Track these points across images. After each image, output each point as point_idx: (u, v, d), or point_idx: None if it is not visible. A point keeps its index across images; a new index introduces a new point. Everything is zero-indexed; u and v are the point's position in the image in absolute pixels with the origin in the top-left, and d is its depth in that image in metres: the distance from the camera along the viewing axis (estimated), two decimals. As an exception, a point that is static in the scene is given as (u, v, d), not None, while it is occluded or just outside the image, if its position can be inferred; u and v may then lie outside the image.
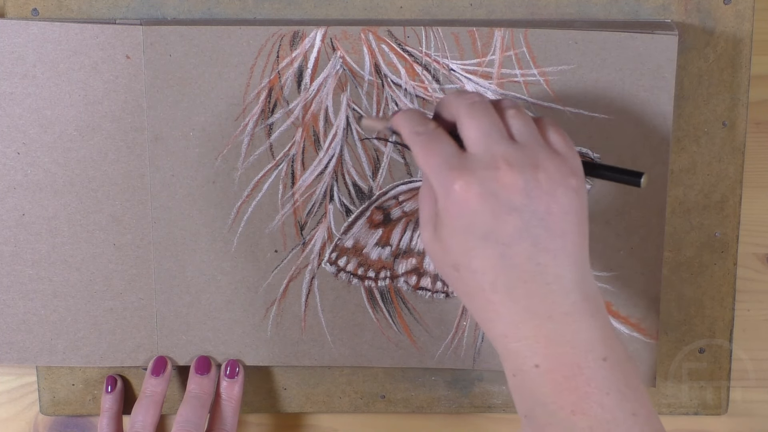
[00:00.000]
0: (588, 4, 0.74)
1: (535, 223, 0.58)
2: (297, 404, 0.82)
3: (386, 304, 0.78)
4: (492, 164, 0.59)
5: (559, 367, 0.58)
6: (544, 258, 0.59)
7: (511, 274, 0.59)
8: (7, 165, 0.75)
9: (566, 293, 0.59)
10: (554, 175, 0.59)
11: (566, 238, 0.59)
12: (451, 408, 0.82)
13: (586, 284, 0.60)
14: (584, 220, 0.60)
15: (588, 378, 0.58)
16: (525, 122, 0.61)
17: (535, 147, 0.60)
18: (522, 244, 0.58)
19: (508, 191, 0.58)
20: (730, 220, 0.78)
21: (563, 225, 0.59)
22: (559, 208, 0.59)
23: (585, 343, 0.59)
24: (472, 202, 0.58)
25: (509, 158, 0.59)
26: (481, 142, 0.60)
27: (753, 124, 0.78)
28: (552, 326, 0.59)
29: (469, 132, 0.60)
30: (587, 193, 0.61)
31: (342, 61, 0.73)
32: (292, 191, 0.76)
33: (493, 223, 0.58)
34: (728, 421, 0.83)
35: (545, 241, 0.59)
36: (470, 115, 0.61)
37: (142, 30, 0.73)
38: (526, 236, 0.58)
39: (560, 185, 0.59)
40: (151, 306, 0.78)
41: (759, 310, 0.82)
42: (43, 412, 0.82)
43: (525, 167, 0.59)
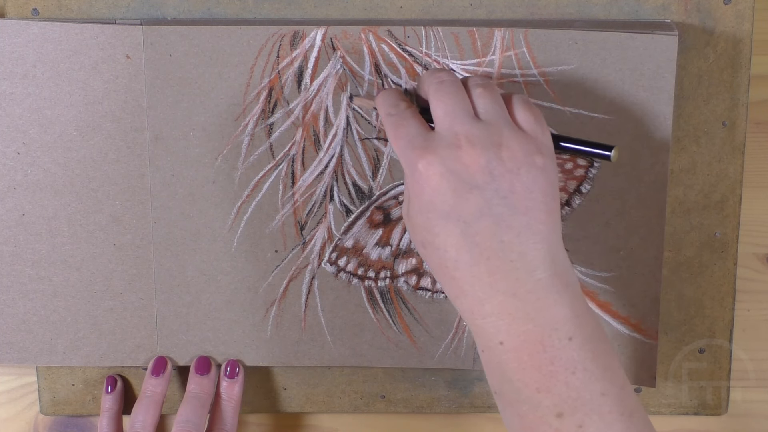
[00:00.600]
0: (588, 4, 0.74)
1: (497, 201, 0.59)
2: (297, 404, 0.82)
3: (386, 304, 0.78)
4: (454, 143, 0.59)
5: (522, 344, 0.59)
6: (507, 235, 0.58)
7: (473, 252, 0.59)
8: (7, 165, 0.75)
9: (530, 271, 0.59)
10: (518, 153, 0.59)
11: (530, 215, 0.59)
12: (451, 408, 0.82)
13: (555, 262, 0.59)
14: (552, 198, 0.60)
15: (552, 357, 0.58)
16: (492, 100, 0.62)
17: (499, 125, 0.60)
18: (484, 221, 0.58)
19: (470, 170, 0.59)
20: (730, 220, 0.78)
21: (527, 203, 0.59)
22: (522, 186, 0.59)
23: (550, 321, 0.59)
24: (434, 181, 0.59)
25: (471, 137, 0.59)
26: (445, 121, 0.61)
27: (753, 124, 0.78)
28: (515, 303, 0.59)
29: (436, 111, 0.61)
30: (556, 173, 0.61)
31: (342, 61, 0.73)
32: (292, 191, 0.76)
33: (454, 201, 0.59)
34: (728, 421, 0.83)
35: (508, 218, 0.59)
36: (437, 95, 0.62)
37: (142, 30, 0.73)
38: (488, 214, 0.58)
39: (524, 163, 0.59)
40: (151, 306, 0.78)
41: (759, 310, 0.82)
42: (43, 412, 0.82)
43: (488, 146, 0.59)
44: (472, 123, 0.60)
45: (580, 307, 0.60)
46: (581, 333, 0.59)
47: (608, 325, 0.77)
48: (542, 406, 0.58)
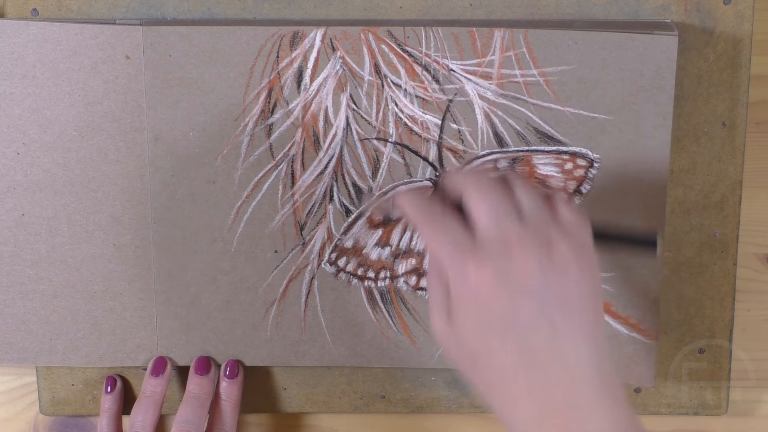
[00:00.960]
0: (588, 4, 0.74)
1: (551, 303, 0.57)
2: (297, 404, 0.82)
3: (386, 305, 0.78)
4: (505, 248, 0.58)
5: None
6: (563, 341, 0.57)
7: (530, 362, 0.57)
8: (6, 165, 0.75)
9: (585, 376, 0.57)
10: (567, 254, 0.58)
11: (582, 317, 0.58)
12: (451, 408, 0.82)
13: (604, 364, 0.58)
14: (598, 298, 0.59)
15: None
16: (534, 199, 0.60)
17: (546, 226, 0.59)
18: (540, 328, 0.57)
19: (523, 275, 0.57)
20: (730, 220, 0.78)
21: (579, 304, 0.58)
22: (574, 286, 0.58)
23: (606, 428, 0.57)
24: (488, 289, 0.57)
25: (522, 240, 0.58)
26: (491, 224, 0.58)
27: (753, 124, 0.78)
28: (574, 414, 0.57)
29: (479, 213, 0.59)
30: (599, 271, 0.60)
31: (342, 61, 0.73)
32: (292, 191, 0.76)
33: (509, 309, 0.57)
34: (728, 421, 0.83)
35: (562, 322, 0.57)
36: (479, 195, 0.60)
37: (142, 30, 0.73)
38: (543, 319, 0.57)
39: (574, 264, 0.58)
40: (151, 306, 0.78)
41: (759, 310, 0.82)
42: (43, 412, 0.82)
43: (538, 248, 0.58)
44: (520, 225, 0.58)
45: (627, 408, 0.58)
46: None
47: (608, 325, 0.77)
48: None
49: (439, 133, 0.75)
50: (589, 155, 0.75)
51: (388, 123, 0.75)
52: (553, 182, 0.75)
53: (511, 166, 0.75)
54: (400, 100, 0.74)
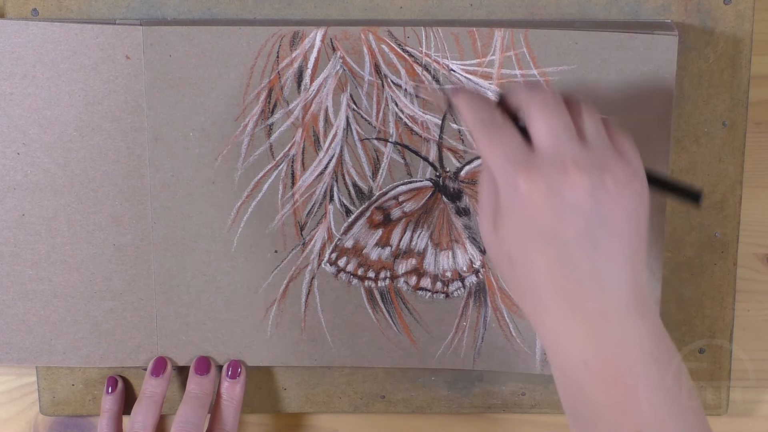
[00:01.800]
0: (588, 4, 0.74)
1: (597, 224, 0.58)
2: (297, 404, 0.82)
3: (386, 305, 0.78)
4: (560, 164, 0.59)
5: (608, 366, 0.58)
6: (602, 259, 0.58)
7: (568, 274, 0.59)
8: (7, 165, 0.75)
9: (620, 294, 0.59)
10: (621, 178, 0.59)
11: (624, 241, 0.59)
12: (451, 408, 0.82)
13: (640, 286, 0.59)
14: (644, 224, 0.60)
15: (636, 376, 0.58)
16: (596, 123, 0.61)
17: (603, 149, 0.60)
18: (582, 244, 0.58)
19: (574, 192, 0.58)
20: (730, 220, 0.78)
21: (624, 228, 0.59)
22: (622, 211, 0.59)
23: (636, 343, 0.59)
24: (537, 201, 0.58)
25: (578, 160, 0.59)
26: (551, 141, 0.59)
27: (753, 124, 0.78)
28: (604, 325, 0.58)
29: (540, 129, 0.60)
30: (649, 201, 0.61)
31: (342, 61, 0.73)
32: (292, 191, 0.76)
33: (556, 223, 0.58)
34: (728, 421, 0.83)
35: (605, 243, 0.58)
36: (542, 112, 0.60)
37: (142, 30, 0.73)
38: (587, 237, 0.58)
39: (626, 189, 0.59)
40: (151, 306, 0.78)
41: (759, 310, 0.82)
42: (43, 412, 0.82)
43: (593, 169, 0.59)
44: (578, 145, 0.59)
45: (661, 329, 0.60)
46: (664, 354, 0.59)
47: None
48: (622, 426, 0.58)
49: (439, 133, 0.75)
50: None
51: (388, 123, 0.75)
52: None
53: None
54: (401, 100, 0.74)
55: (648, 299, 0.60)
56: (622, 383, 0.58)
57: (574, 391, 0.60)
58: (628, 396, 0.58)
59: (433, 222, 0.76)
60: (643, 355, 0.59)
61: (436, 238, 0.77)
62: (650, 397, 0.58)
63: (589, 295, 0.59)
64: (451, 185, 0.76)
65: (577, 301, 0.59)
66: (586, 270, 0.58)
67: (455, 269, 0.77)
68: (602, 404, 0.59)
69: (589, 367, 0.59)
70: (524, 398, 0.81)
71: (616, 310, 0.59)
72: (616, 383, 0.58)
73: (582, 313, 0.59)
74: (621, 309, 0.59)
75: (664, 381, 0.59)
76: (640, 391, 0.58)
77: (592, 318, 0.59)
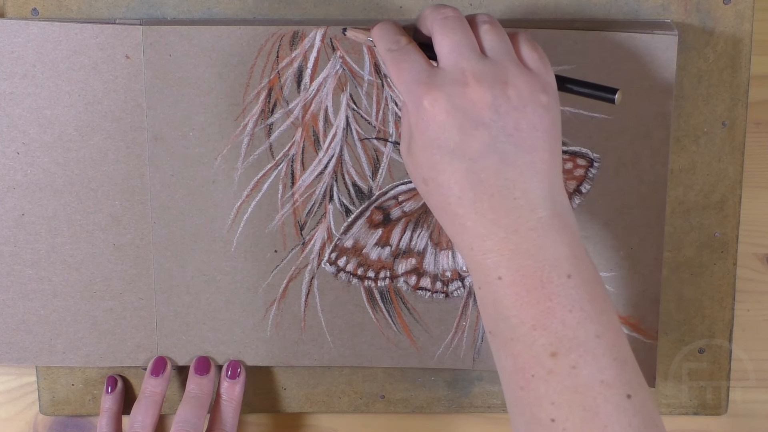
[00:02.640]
0: (588, 4, 0.74)
1: (503, 138, 0.59)
2: (297, 404, 0.82)
3: (386, 304, 0.78)
4: (460, 79, 0.59)
5: (521, 279, 0.59)
6: (512, 173, 0.59)
7: (477, 189, 0.59)
8: (7, 165, 0.75)
9: (532, 208, 0.59)
10: (524, 91, 0.59)
11: (534, 154, 0.59)
12: (451, 408, 0.82)
13: (556, 201, 0.60)
14: (555, 138, 0.60)
15: (550, 293, 0.58)
16: (498, 38, 0.61)
17: (506, 63, 0.60)
18: (490, 158, 0.59)
19: (476, 107, 0.59)
20: (729, 220, 0.78)
21: (532, 141, 0.59)
22: (528, 124, 0.59)
23: (549, 258, 0.59)
24: (440, 117, 0.59)
25: (478, 74, 0.59)
26: (451, 57, 0.60)
27: (753, 124, 0.78)
28: (516, 239, 0.59)
29: (441, 47, 0.61)
30: (559, 113, 0.61)
31: (342, 61, 0.73)
32: (291, 191, 0.76)
33: (460, 138, 0.59)
34: (728, 421, 0.82)
35: (513, 156, 0.59)
36: (443, 30, 0.61)
37: (141, 30, 0.73)
38: (493, 151, 0.59)
39: (529, 102, 0.59)
40: (151, 306, 0.78)
41: (759, 310, 0.82)
42: (43, 412, 0.82)
43: (494, 83, 0.59)
44: (479, 60, 0.60)
45: (578, 248, 0.60)
46: (580, 273, 0.59)
47: None
48: (537, 344, 0.58)
49: (439, 133, 0.74)
50: (589, 155, 0.75)
51: (388, 123, 0.75)
52: None
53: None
54: (400, 100, 0.74)
55: (565, 215, 0.60)
56: (534, 298, 0.58)
57: (491, 307, 0.60)
58: (542, 312, 0.58)
59: (432, 222, 0.76)
60: (557, 272, 0.58)
61: (435, 238, 0.77)
62: (564, 318, 0.58)
63: (501, 210, 0.59)
64: (450, 185, 0.76)
65: (490, 217, 0.59)
66: (496, 185, 0.59)
67: (455, 269, 0.77)
68: (517, 320, 0.59)
69: (503, 282, 0.59)
70: (524, 398, 0.81)
71: (530, 226, 0.59)
72: (528, 298, 0.58)
73: (495, 228, 0.59)
74: (535, 224, 0.59)
75: (578, 302, 0.58)
76: (553, 308, 0.58)
77: (506, 233, 0.59)
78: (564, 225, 0.60)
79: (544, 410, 0.58)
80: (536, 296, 0.58)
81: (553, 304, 0.58)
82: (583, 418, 0.57)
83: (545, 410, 0.58)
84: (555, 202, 0.60)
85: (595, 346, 0.58)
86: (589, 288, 0.59)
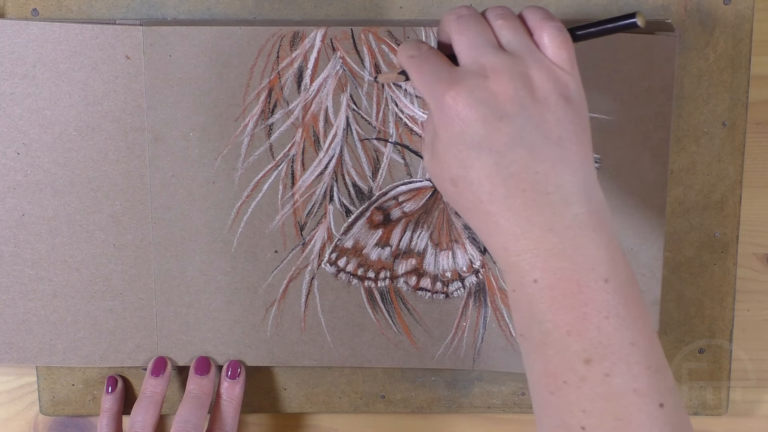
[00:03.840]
0: (588, 4, 0.74)
1: (529, 130, 0.57)
2: (297, 404, 0.82)
3: (386, 305, 0.78)
4: (480, 73, 0.58)
5: (557, 283, 0.57)
6: (542, 166, 0.57)
7: (508, 183, 0.57)
8: (7, 165, 0.75)
9: (567, 204, 0.57)
10: (546, 83, 0.58)
11: (563, 145, 0.57)
12: (451, 408, 0.82)
13: (591, 197, 0.58)
14: (583, 129, 0.58)
15: (587, 298, 0.56)
16: (514, 31, 0.60)
17: (525, 55, 0.59)
18: (517, 151, 0.57)
19: (499, 98, 0.57)
20: (730, 220, 0.78)
21: (559, 132, 0.57)
22: (552, 115, 0.57)
23: (587, 260, 0.57)
24: (462, 112, 0.57)
25: (498, 67, 0.58)
26: (470, 53, 0.59)
27: (753, 124, 0.78)
28: (553, 239, 0.57)
29: (460, 45, 0.60)
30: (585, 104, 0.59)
31: (342, 61, 0.73)
32: (292, 191, 0.76)
33: (485, 132, 0.57)
34: (728, 421, 0.83)
35: (541, 148, 0.57)
36: (459, 29, 0.60)
37: (142, 30, 0.73)
38: (521, 144, 0.57)
39: (552, 93, 0.58)
40: (151, 306, 0.78)
41: (759, 310, 0.82)
42: (43, 412, 0.82)
43: (515, 75, 0.58)
44: (498, 53, 0.59)
45: (615, 250, 0.58)
46: (617, 277, 0.57)
47: None
48: (571, 350, 0.56)
49: (439, 133, 0.75)
50: (589, 155, 0.75)
51: (388, 123, 0.75)
52: None
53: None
54: (400, 100, 0.74)
55: (601, 213, 0.58)
56: (570, 303, 0.56)
57: (525, 310, 0.58)
58: (577, 317, 0.56)
59: (432, 222, 0.76)
60: (594, 276, 0.56)
61: (435, 238, 0.77)
62: (600, 324, 0.56)
63: (535, 206, 0.57)
64: (451, 185, 0.76)
65: (523, 214, 0.57)
66: (527, 179, 0.57)
67: (455, 269, 0.77)
68: (551, 325, 0.57)
69: (539, 285, 0.57)
70: (524, 398, 0.81)
71: (566, 224, 0.57)
72: (564, 303, 0.56)
73: (530, 226, 0.57)
74: (570, 222, 0.57)
75: (615, 307, 0.56)
76: (588, 314, 0.56)
77: (541, 231, 0.57)
78: (601, 224, 0.57)
79: (575, 417, 0.57)
80: (572, 301, 0.56)
81: (589, 310, 0.56)
82: (615, 427, 0.56)
83: (576, 417, 0.57)
84: (590, 198, 0.57)
85: (630, 353, 0.56)
86: (626, 292, 0.57)
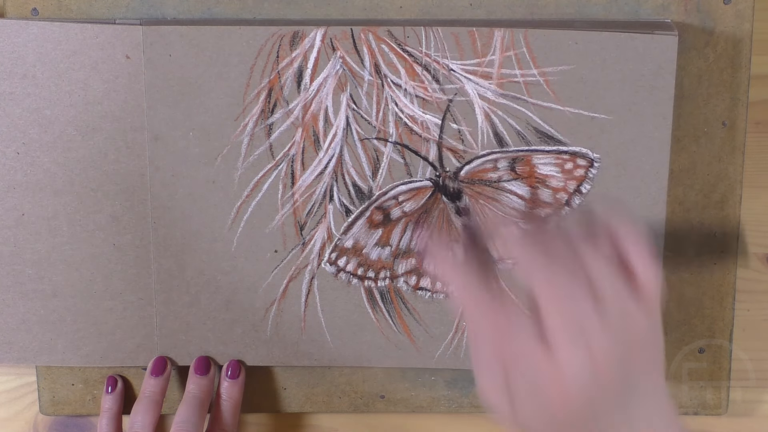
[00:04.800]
0: (588, 4, 0.74)
1: (627, 392, 0.55)
2: (297, 404, 0.82)
3: (386, 304, 0.78)
4: (580, 340, 0.52)
5: None
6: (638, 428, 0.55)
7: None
8: (6, 165, 0.75)
9: None
10: (644, 340, 0.55)
11: (654, 401, 0.56)
12: (451, 408, 0.82)
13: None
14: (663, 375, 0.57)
15: None
16: (609, 274, 0.54)
17: (622, 308, 0.54)
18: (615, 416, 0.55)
19: (604, 378, 0.53)
20: (730, 219, 0.78)
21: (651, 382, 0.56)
22: (642, 371, 0.55)
23: None
24: (566, 385, 0.53)
25: (604, 350, 0.53)
26: (563, 311, 0.53)
27: (753, 124, 0.78)
28: None
29: (546, 297, 0.53)
30: None
31: (342, 61, 0.73)
32: (291, 191, 0.76)
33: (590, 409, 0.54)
34: (728, 421, 0.82)
35: (636, 411, 0.55)
36: (551, 295, 0.53)
37: (141, 30, 0.73)
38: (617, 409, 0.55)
39: (649, 348, 0.55)
40: (151, 306, 0.78)
41: (759, 310, 0.82)
42: (43, 412, 0.82)
43: (618, 342, 0.53)
44: (595, 312, 0.53)
45: None
46: None
47: None
48: None
49: (439, 133, 0.75)
50: (589, 155, 0.75)
51: (388, 123, 0.75)
52: (553, 182, 0.75)
53: (510, 165, 0.75)
54: (400, 100, 0.74)
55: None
56: None
57: None
58: None
59: (432, 222, 0.76)
60: None
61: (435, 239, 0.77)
62: None
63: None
64: (450, 185, 0.76)
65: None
66: None
67: (455, 269, 0.77)
68: None
69: None
70: (524, 398, 0.81)
71: None
72: None
73: None
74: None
75: None
76: None
77: None
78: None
79: None
80: None
81: None
82: None
83: None
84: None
85: None
86: None
